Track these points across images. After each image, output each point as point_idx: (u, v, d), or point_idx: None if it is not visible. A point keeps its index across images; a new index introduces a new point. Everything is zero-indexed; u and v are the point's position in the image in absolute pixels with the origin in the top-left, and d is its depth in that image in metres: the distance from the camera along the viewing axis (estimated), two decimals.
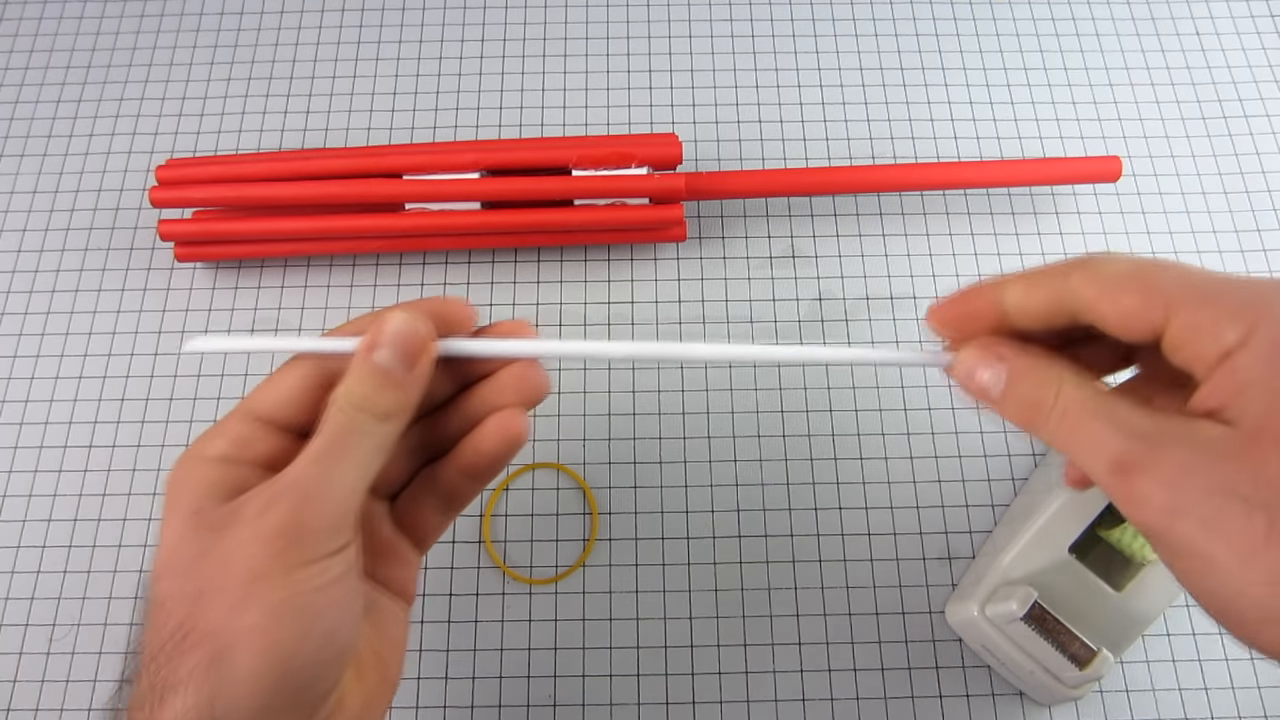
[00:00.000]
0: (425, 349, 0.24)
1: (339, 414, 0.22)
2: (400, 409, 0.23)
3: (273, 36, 0.51)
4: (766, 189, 0.43)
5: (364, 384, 0.23)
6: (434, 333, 0.24)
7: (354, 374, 0.23)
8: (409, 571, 0.26)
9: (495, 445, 0.25)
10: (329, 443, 0.22)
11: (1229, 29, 0.50)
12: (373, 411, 0.23)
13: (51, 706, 0.37)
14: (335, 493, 0.22)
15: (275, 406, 0.24)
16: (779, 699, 0.37)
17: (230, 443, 0.23)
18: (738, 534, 0.39)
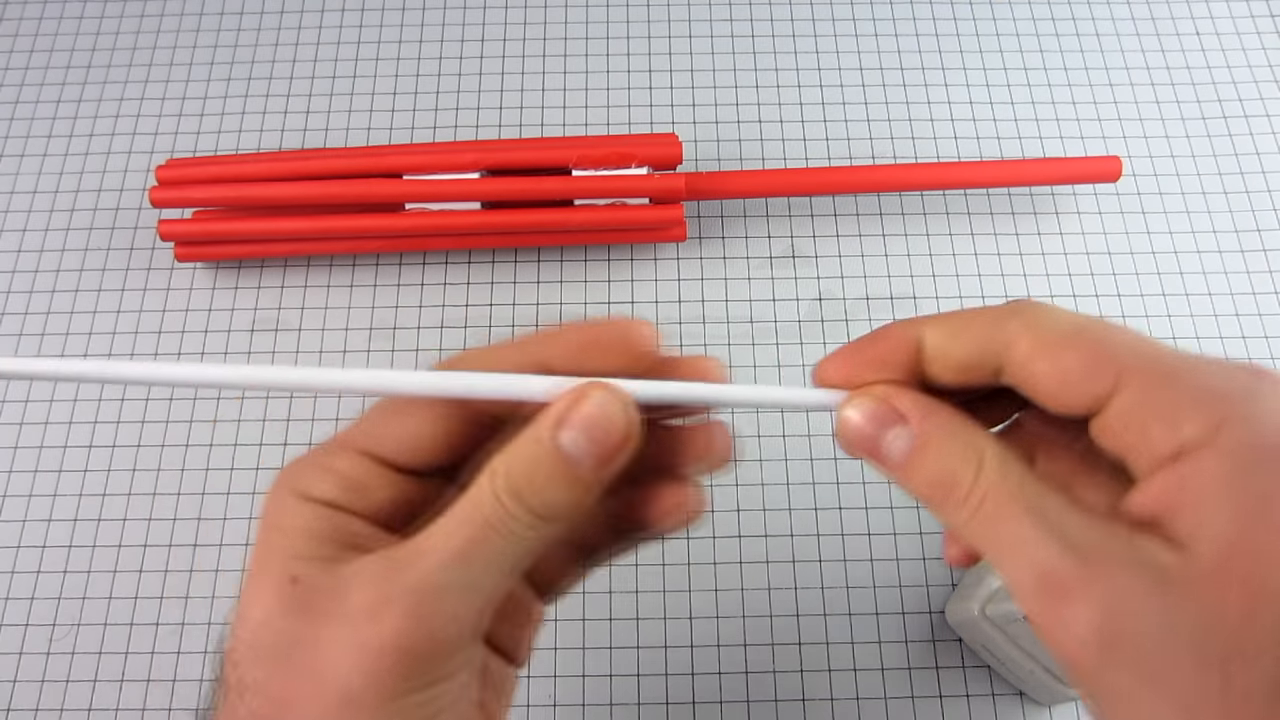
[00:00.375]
0: (626, 444, 0.18)
1: (493, 503, 0.17)
2: (571, 513, 0.18)
3: (273, 36, 0.51)
4: (766, 189, 0.43)
5: (536, 470, 0.17)
6: (638, 421, 0.18)
7: (526, 452, 0.18)
8: (528, 631, 0.22)
9: (667, 524, 0.21)
10: (470, 541, 0.17)
11: (1229, 29, 0.50)
12: (537, 508, 0.17)
13: (51, 706, 0.37)
14: (466, 607, 0.17)
15: (404, 447, 0.19)
16: (779, 699, 0.37)
17: (342, 485, 0.18)
18: (738, 534, 0.39)
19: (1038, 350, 0.17)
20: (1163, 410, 0.15)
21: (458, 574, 0.17)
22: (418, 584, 0.17)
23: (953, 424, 0.18)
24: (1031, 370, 0.17)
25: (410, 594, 0.17)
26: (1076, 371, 0.16)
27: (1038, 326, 0.17)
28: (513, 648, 0.21)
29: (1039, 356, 0.17)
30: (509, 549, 0.17)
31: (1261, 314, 0.43)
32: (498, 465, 0.18)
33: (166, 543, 0.40)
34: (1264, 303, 0.44)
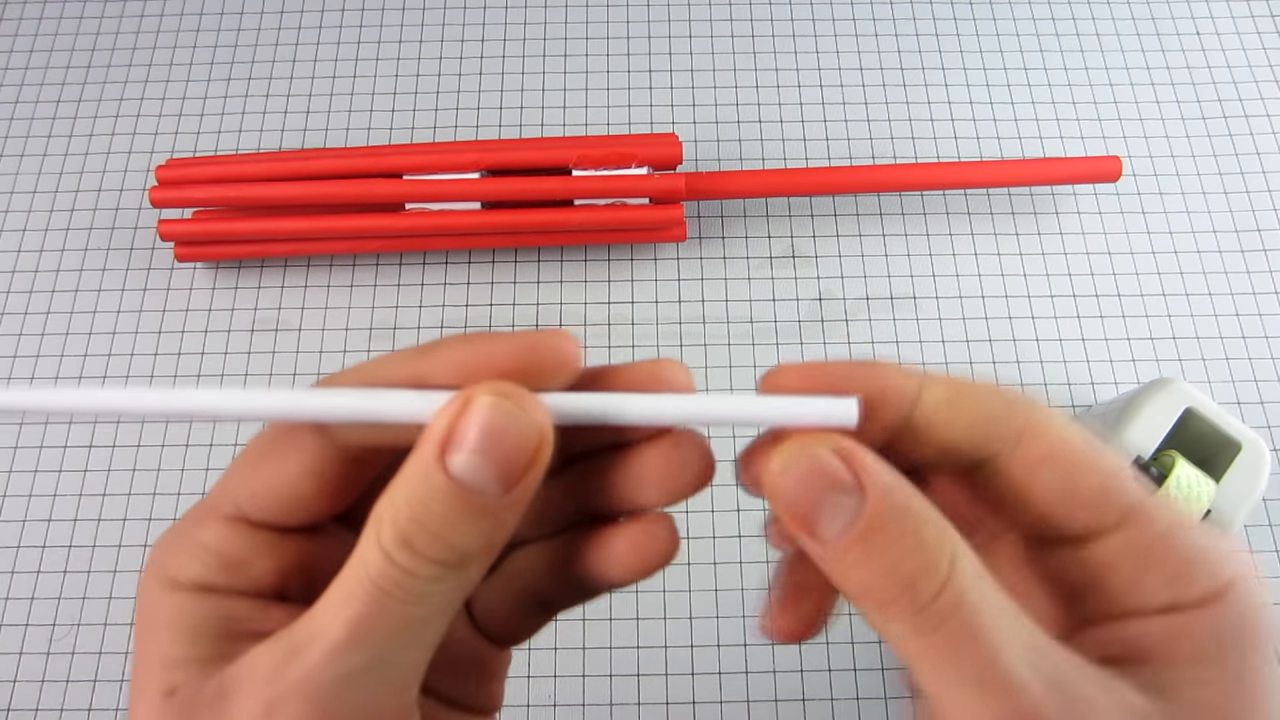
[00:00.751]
0: (538, 454, 0.14)
1: (380, 564, 0.14)
2: (486, 550, 0.14)
3: (273, 36, 0.51)
4: (766, 189, 0.43)
5: (429, 509, 0.14)
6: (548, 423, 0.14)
7: (411, 489, 0.14)
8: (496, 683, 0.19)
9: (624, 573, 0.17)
10: (362, 616, 0.14)
11: (1229, 29, 0.50)
12: (439, 556, 0.14)
13: (51, 706, 0.37)
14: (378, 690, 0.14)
15: (275, 506, 0.16)
16: (779, 699, 0.37)
17: (213, 563, 0.15)
18: (738, 534, 0.39)
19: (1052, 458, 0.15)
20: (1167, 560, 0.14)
21: (357, 658, 0.14)
22: (310, 680, 0.14)
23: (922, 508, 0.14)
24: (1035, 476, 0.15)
25: (302, 695, 0.14)
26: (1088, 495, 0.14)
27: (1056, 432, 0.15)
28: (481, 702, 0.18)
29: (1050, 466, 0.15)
30: (415, 613, 0.14)
31: (1261, 314, 0.43)
32: (382, 512, 0.14)
33: None
34: (1264, 303, 0.44)
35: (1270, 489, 0.33)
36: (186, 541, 0.15)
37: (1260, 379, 0.42)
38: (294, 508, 0.16)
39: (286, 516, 0.16)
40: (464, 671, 0.18)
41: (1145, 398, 0.34)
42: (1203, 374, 0.42)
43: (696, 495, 0.16)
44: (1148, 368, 0.42)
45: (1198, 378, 0.42)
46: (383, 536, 0.14)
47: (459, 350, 0.15)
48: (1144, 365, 0.42)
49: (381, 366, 0.15)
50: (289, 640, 0.14)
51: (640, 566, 0.17)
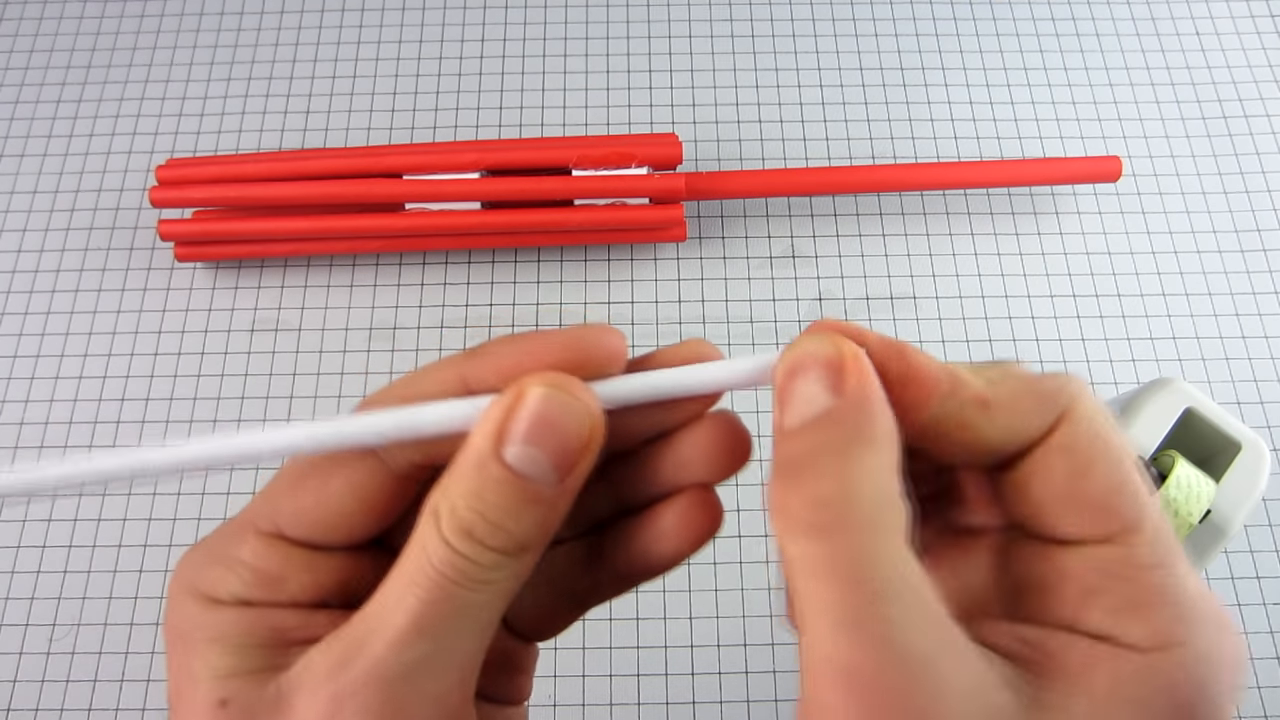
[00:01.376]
0: (591, 441, 0.15)
1: (444, 552, 0.14)
2: (542, 536, 0.15)
3: (273, 36, 0.51)
4: (766, 189, 0.43)
5: (486, 500, 0.14)
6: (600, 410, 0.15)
7: (468, 481, 0.14)
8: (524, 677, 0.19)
9: (676, 546, 0.17)
10: (427, 604, 0.14)
11: (1229, 29, 0.50)
12: (500, 545, 0.14)
13: (51, 706, 0.37)
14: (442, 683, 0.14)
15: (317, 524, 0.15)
16: (779, 699, 0.37)
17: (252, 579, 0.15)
18: (738, 534, 0.39)
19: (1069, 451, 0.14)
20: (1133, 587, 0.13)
21: (422, 647, 0.14)
22: (375, 672, 0.14)
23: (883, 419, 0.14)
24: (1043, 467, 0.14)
25: (369, 687, 0.14)
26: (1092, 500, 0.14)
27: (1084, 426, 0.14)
28: (512, 694, 0.19)
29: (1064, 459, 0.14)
30: (476, 600, 0.14)
31: (1261, 314, 0.43)
32: (439, 505, 0.14)
33: (167, 543, 0.40)
34: (1264, 303, 0.44)
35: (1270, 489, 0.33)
36: (221, 557, 0.15)
37: (1260, 379, 0.42)
38: (337, 526, 0.16)
39: (329, 535, 0.16)
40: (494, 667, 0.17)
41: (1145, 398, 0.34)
42: (1203, 374, 0.42)
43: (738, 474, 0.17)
44: (1148, 368, 0.42)
45: (1198, 378, 0.42)
46: (443, 527, 0.14)
47: (506, 351, 0.15)
48: (1144, 365, 0.42)
49: (428, 375, 0.16)
50: (347, 637, 0.14)
51: (693, 537, 0.17)
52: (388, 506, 0.16)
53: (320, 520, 0.15)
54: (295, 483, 0.16)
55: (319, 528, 0.15)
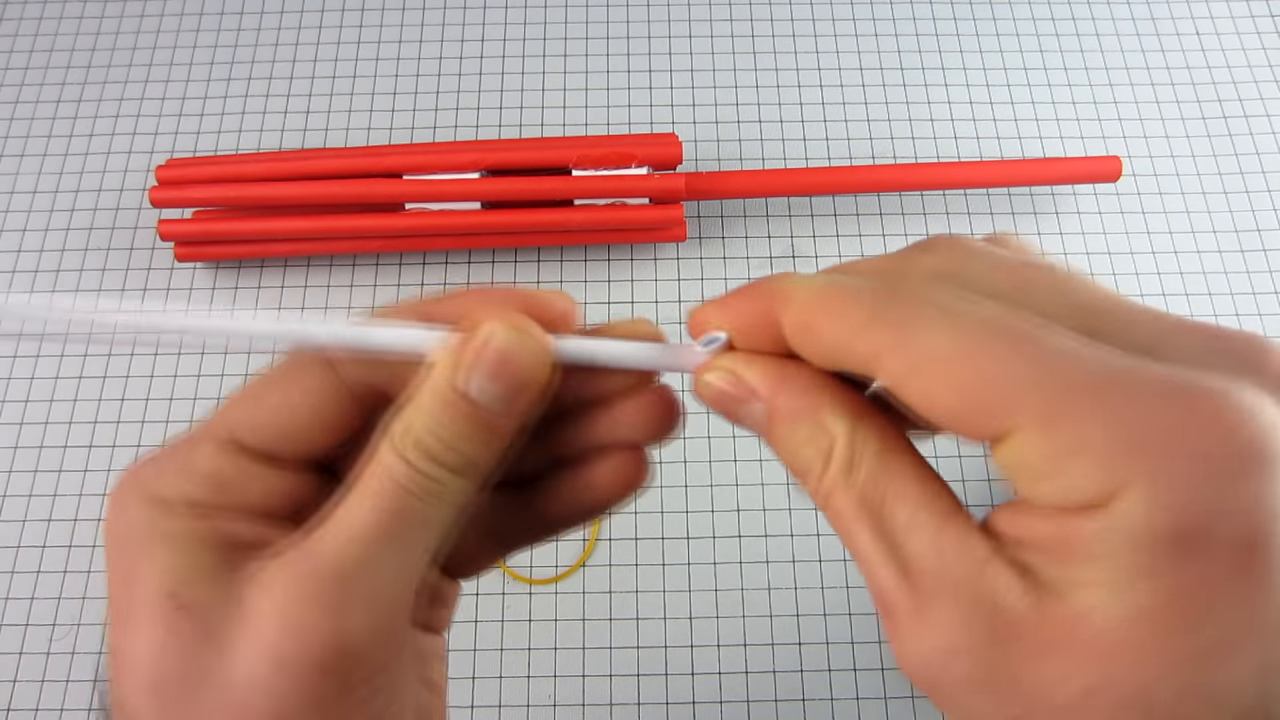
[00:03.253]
0: (538, 377, 0.16)
1: (400, 467, 0.15)
2: (491, 460, 0.16)
3: (273, 36, 0.51)
4: (766, 189, 0.43)
5: (445, 426, 0.15)
6: (552, 351, 0.16)
7: (430, 408, 0.15)
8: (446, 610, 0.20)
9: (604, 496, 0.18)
10: (384, 511, 0.15)
11: (1229, 29, 0.50)
12: (453, 464, 0.16)
13: (51, 706, 0.37)
14: (391, 586, 0.15)
15: (274, 434, 0.16)
16: (779, 699, 0.37)
17: (206, 484, 0.16)
18: (738, 534, 0.39)
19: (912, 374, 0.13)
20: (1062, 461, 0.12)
21: (377, 549, 0.15)
22: (332, 570, 0.15)
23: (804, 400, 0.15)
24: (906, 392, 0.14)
25: (325, 584, 0.14)
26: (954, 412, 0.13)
27: (912, 340, 0.13)
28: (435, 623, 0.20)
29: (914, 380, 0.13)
30: (427, 511, 0.15)
31: (1261, 314, 0.43)
32: (397, 427, 0.16)
33: None
34: (1264, 303, 0.44)
35: None
36: (174, 463, 0.16)
37: None
38: (292, 437, 0.16)
39: (283, 445, 0.16)
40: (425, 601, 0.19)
41: None
42: None
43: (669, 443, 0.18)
44: None
45: None
46: (403, 445, 0.15)
47: (465, 298, 0.17)
48: None
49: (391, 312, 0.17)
50: (302, 541, 0.15)
51: (620, 490, 0.18)
52: (340, 424, 0.17)
53: (276, 430, 0.16)
54: (255, 395, 0.17)
55: (275, 437, 0.16)
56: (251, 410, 0.17)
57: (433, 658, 0.19)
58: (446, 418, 0.15)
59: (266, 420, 0.16)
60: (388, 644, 0.15)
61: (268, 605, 0.14)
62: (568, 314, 0.17)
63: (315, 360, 0.17)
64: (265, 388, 0.17)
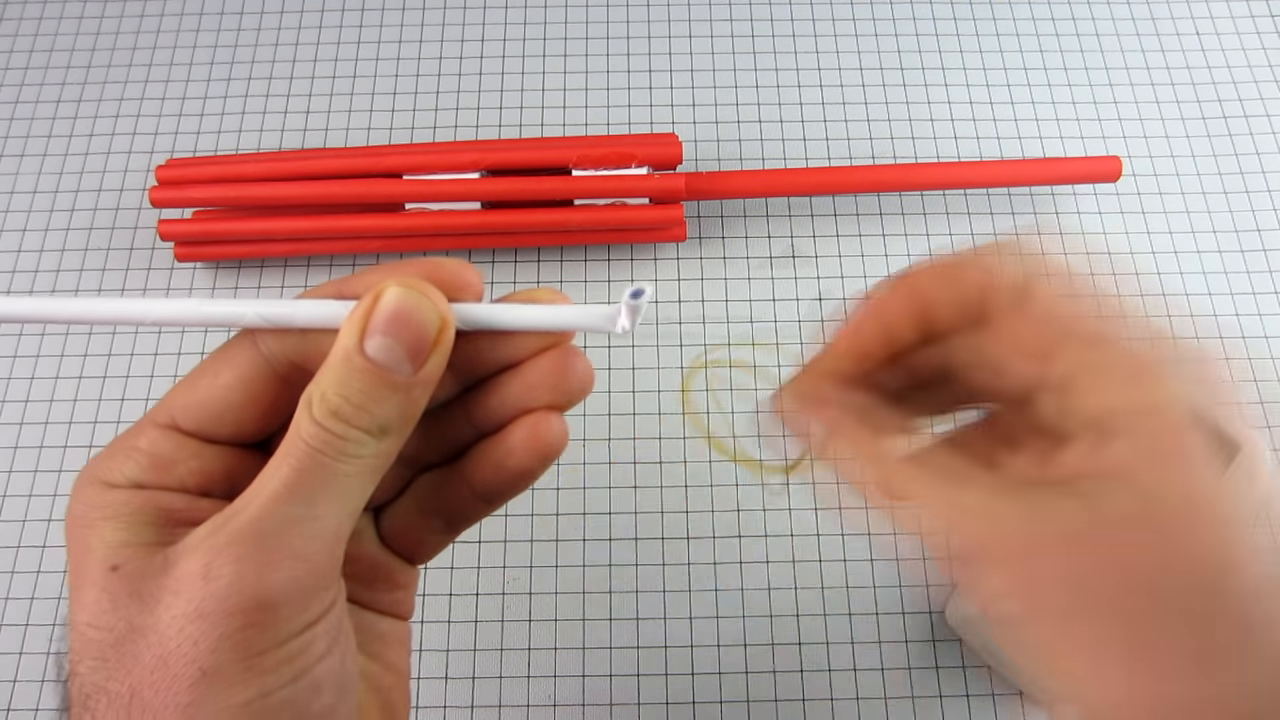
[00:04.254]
0: (441, 336, 0.17)
1: (314, 429, 0.16)
2: (403, 420, 0.17)
3: (273, 36, 0.51)
4: (766, 189, 0.43)
5: (351, 386, 0.16)
6: (449, 310, 0.17)
7: (336, 371, 0.16)
8: (405, 593, 0.21)
9: (523, 460, 0.19)
10: (299, 471, 0.16)
11: (1229, 29, 0.50)
12: (364, 425, 0.16)
13: (52, 706, 0.37)
14: (311, 544, 0.16)
15: (206, 415, 0.18)
16: (779, 699, 0.37)
17: (145, 463, 0.17)
18: (738, 534, 0.39)
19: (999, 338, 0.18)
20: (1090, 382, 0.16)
21: (294, 508, 0.16)
22: (251, 527, 0.15)
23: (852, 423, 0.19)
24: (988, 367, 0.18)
25: (243, 541, 0.15)
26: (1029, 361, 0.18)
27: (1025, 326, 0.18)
28: (393, 609, 0.21)
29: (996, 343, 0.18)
30: (343, 470, 0.16)
31: (1261, 314, 0.43)
32: (311, 393, 0.16)
33: None
34: (1264, 303, 0.44)
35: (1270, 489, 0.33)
36: (120, 448, 0.17)
37: (1260, 379, 0.42)
38: (224, 417, 0.18)
39: (216, 426, 0.18)
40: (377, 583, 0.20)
41: None
42: None
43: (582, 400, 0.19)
44: None
45: None
46: (315, 410, 0.16)
47: (374, 272, 0.18)
48: None
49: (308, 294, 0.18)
50: (229, 509, 0.16)
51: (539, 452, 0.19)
52: (270, 404, 0.18)
53: (209, 411, 0.18)
54: (189, 380, 0.18)
55: (208, 418, 0.18)
56: (187, 393, 0.18)
57: (394, 642, 0.20)
58: (351, 378, 0.16)
59: (200, 401, 0.18)
60: (310, 600, 0.16)
61: (192, 564, 0.15)
62: (471, 283, 0.18)
63: (244, 343, 0.18)
64: (201, 371, 0.18)
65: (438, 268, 0.18)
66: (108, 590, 0.16)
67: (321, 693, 0.16)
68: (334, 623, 0.17)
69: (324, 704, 0.16)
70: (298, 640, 0.16)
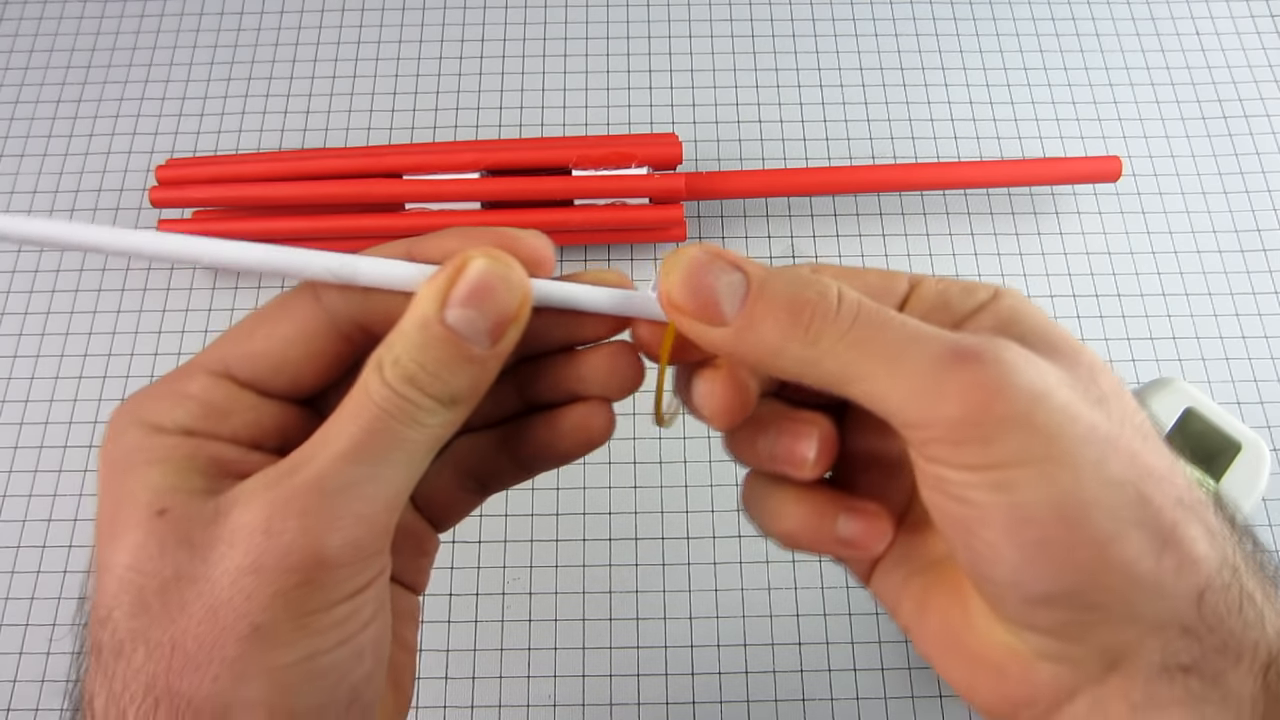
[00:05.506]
0: (520, 312, 0.17)
1: (384, 392, 0.16)
2: (473, 392, 0.17)
3: (273, 36, 0.51)
4: (766, 189, 0.43)
5: (427, 354, 0.16)
6: (530, 287, 0.17)
7: (412, 338, 0.16)
8: (426, 560, 0.21)
9: (571, 447, 0.20)
10: (368, 433, 0.15)
11: (1229, 29, 0.50)
12: (436, 393, 0.16)
13: (51, 706, 0.37)
14: (372, 506, 0.16)
15: (264, 366, 0.17)
16: (779, 699, 0.37)
17: (198, 411, 0.16)
18: (738, 534, 0.39)
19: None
20: None
21: (360, 469, 0.15)
22: (315, 484, 0.15)
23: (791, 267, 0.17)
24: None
25: (306, 496, 0.15)
26: None
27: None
28: (412, 579, 0.21)
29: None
30: (410, 436, 0.16)
31: (1261, 314, 0.43)
32: (383, 355, 0.16)
33: None
34: (1264, 303, 0.44)
35: (1270, 489, 0.33)
36: (169, 392, 0.17)
37: (1260, 379, 0.42)
38: (282, 370, 0.17)
39: (272, 377, 0.17)
40: (405, 549, 0.20)
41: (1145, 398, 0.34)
42: (1203, 374, 0.42)
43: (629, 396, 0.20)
44: (1148, 368, 0.42)
45: (1198, 378, 0.42)
46: (387, 373, 0.16)
47: (449, 238, 0.17)
48: (1144, 365, 0.42)
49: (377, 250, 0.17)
50: (286, 463, 0.16)
51: (587, 440, 0.19)
52: (328, 360, 0.18)
53: (267, 363, 0.17)
54: (245, 329, 0.17)
55: (265, 370, 0.17)
56: (243, 342, 0.17)
57: (407, 616, 0.20)
58: (428, 345, 0.16)
59: (257, 352, 0.17)
60: (366, 564, 0.16)
61: (249, 517, 0.15)
62: (548, 260, 0.18)
63: (306, 296, 0.17)
64: (257, 322, 0.17)
65: (516, 240, 0.17)
66: (154, 534, 0.15)
67: (364, 660, 0.16)
68: (381, 590, 0.17)
69: (364, 672, 0.16)
70: (349, 604, 0.16)
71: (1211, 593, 0.15)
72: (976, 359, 0.15)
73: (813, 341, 0.16)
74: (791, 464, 0.18)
